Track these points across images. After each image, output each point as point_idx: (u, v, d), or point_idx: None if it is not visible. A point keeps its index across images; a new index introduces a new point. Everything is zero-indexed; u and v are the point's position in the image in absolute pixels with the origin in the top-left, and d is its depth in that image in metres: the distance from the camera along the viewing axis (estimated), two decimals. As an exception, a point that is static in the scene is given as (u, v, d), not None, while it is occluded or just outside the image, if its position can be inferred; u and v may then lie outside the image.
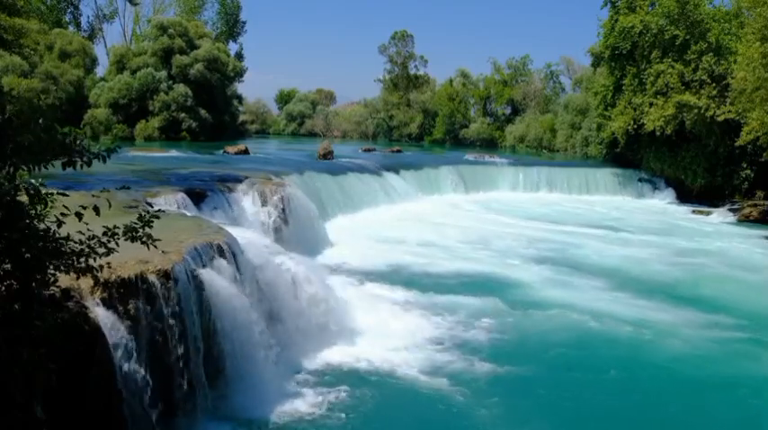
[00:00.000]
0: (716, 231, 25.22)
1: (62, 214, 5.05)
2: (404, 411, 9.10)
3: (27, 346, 4.71)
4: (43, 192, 4.91)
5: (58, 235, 5.09)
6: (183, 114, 50.01)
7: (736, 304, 14.45)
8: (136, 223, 5.53)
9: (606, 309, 13.70)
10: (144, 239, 5.51)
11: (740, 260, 19.74)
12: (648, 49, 32.49)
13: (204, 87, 51.69)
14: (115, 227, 5.46)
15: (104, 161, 4.98)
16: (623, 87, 34.67)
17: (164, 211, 6.21)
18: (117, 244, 5.46)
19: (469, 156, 39.90)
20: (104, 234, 5.41)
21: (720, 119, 29.25)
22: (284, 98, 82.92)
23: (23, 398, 4.78)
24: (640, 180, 35.25)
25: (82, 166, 4.96)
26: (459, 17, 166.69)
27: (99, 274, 5.63)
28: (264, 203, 16.45)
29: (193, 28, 54.41)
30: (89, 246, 5.34)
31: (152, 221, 5.56)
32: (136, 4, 64.16)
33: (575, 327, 12.49)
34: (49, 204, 5.01)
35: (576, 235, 22.62)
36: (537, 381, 10.11)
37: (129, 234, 5.47)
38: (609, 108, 36.64)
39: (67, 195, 5.18)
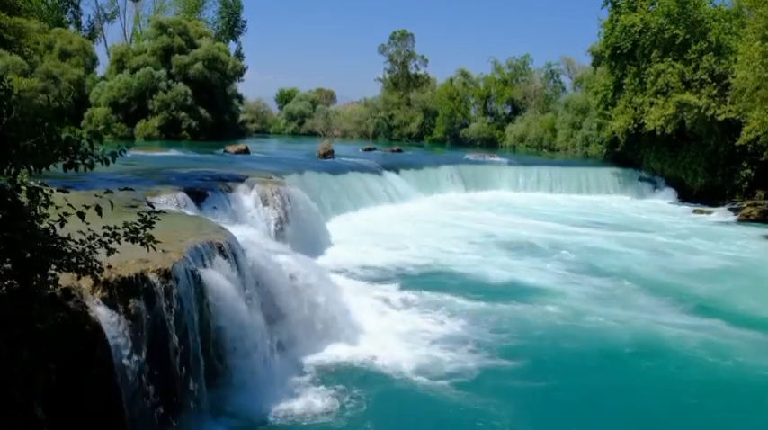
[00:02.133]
0: (738, 235, 24.38)
1: (65, 213, 5.04)
2: (405, 412, 9.08)
3: (27, 346, 4.70)
4: (44, 191, 4.89)
5: (58, 235, 5.08)
6: (182, 113, 49.98)
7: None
8: (137, 224, 5.53)
9: (645, 322, 12.83)
10: (145, 241, 5.50)
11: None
12: (649, 49, 32.48)
13: (204, 86, 51.65)
14: (116, 227, 5.46)
15: (107, 164, 4.97)
16: (624, 87, 34.67)
17: (164, 211, 6.21)
18: (119, 242, 5.46)
19: (470, 156, 39.92)
20: (105, 234, 5.40)
21: (721, 118, 29.23)
22: (284, 98, 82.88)
23: (23, 398, 4.77)
24: (641, 179, 35.28)
25: (86, 169, 4.94)
26: (459, 17, 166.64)
27: (99, 274, 5.63)
28: (265, 203, 16.43)
29: (193, 27, 54.38)
30: (90, 246, 5.33)
31: (153, 222, 5.56)
32: (137, 0, 64.27)
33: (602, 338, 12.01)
34: (51, 204, 4.99)
35: (598, 237, 22.30)
36: (544, 385, 9.95)
37: (131, 235, 5.47)
38: (609, 107, 36.66)
39: (67, 191, 5.16)
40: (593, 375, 10.54)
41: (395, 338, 11.27)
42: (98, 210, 5.11)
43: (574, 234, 22.73)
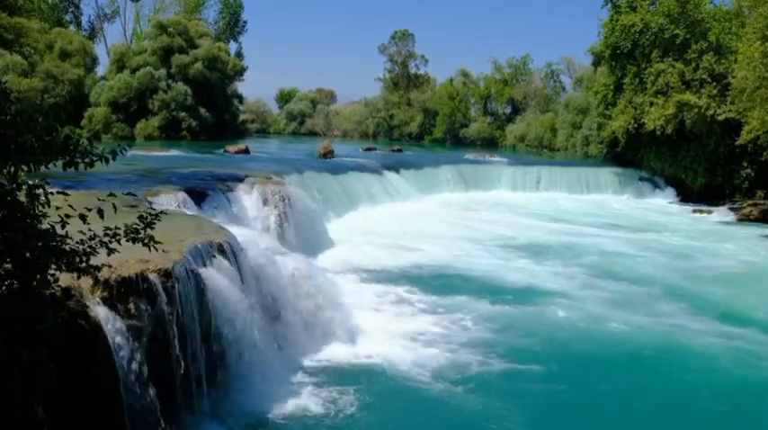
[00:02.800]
0: (741, 235, 24.13)
1: (66, 215, 5.04)
2: (406, 410, 9.06)
3: (27, 346, 4.69)
4: (44, 190, 4.89)
5: (58, 234, 5.07)
6: (183, 113, 49.93)
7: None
8: (138, 224, 5.52)
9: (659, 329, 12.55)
10: (146, 241, 5.50)
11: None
12: (649, 48, 32.48)
13: (204, 86, 51.62)
14: (117, 227, 5.45)
15: (107, 163, 4.96)
16: (624, 86, 34.66)
17: (165, 212, 6.21)
18: (119, 243, 5.46)
19: (470, 156, 39.97)
20: (106, 234, 5.40)
21: (721, 118, 29.23)
22: (284, 97, 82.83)
23: (23, 398, 4.76)
24: (641, 179, 35.27)
25: (86, 167, 4.94)
26: (459, 17, 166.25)
27: (99, 273, 5.62)
28: (265, 202, 16.43)
29: (193, 27, 54.37)
30: (90, 246, 5.33)
31: (154, 223, 5.56)
32: (137, 0, 64.31)
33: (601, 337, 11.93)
34: (51, 204, 4.99)
35: (611, 239, 22.10)
36: (564, 388, 9.84)
37: (131, 235, 5.46)
38: (609, 107, 36.65)
39: (68, 194, 5.16)
40: (615, 379, 10.42)
41: (394, 338, 11.26)
42: (100, 213, 5.12)
43: (580, 235, 22.62)
